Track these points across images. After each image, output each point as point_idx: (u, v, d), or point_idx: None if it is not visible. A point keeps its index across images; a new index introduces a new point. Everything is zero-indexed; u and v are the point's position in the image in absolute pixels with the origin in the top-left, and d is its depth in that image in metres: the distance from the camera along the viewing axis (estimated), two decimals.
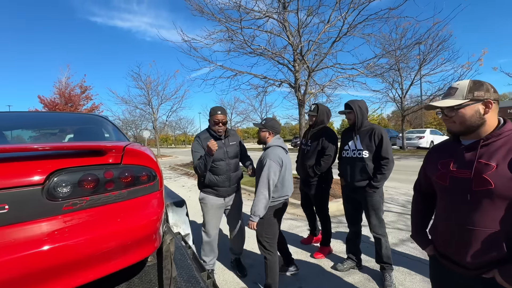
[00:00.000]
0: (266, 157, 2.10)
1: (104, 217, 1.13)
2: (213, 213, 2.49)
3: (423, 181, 1.35)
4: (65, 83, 19.13)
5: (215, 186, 2.42)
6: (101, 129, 2.42)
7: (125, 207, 1.22)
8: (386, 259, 2.34)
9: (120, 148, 1.23)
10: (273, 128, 2.24)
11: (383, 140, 2.21)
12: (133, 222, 1.18)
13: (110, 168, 1.21)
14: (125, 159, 1.26)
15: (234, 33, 5.47)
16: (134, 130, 33.54)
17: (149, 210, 1.30)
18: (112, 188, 1.20)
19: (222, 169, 2.41)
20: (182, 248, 1.98)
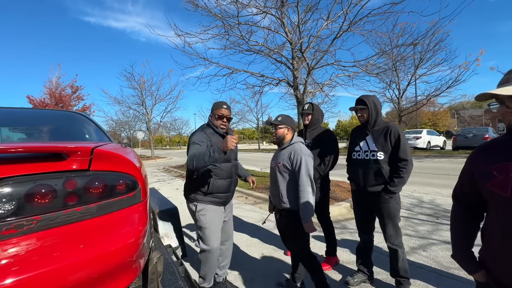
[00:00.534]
0: (297, 154, 1.90)
1: (62, 243, 0.84)
2: (216, 226, 2.09)
3: (467, 189, 1.10)
4: (56, 83, 18.61)
5: (219, 192, 2.07)
6: (80, 129, 2.12)
7: (94, 227, 0.93)
8: (403, 273, 2.09)
9: (87, 150, 0.95)
10: (292, 124, 2.06)
11: (401, 139, 1.97)
12: (104, 248, 0.90)
13: (73, 176, 0.92)
14: (95, 164, 0.97)
15: (230, 28, 5.20)
16: (127, 131, 32.91)
17: (126, 229, 1.01)
18: (76, 203, 0.92)
19: (228, 172, 2.10)
20: (172, 265, 1.69)
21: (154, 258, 1.33)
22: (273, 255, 3.01)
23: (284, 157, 1.97)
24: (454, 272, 2.44)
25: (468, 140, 14.14)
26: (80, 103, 18.98)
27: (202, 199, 2.05)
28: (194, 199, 2.07)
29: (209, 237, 2.04)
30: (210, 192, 2.02)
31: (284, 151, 2.01)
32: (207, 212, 2.04)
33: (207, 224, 2.03)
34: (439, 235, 3.33)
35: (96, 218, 0.94)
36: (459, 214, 1.15)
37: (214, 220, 2.06)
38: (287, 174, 1.95)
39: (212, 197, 2.06)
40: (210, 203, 2.05)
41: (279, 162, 1.99)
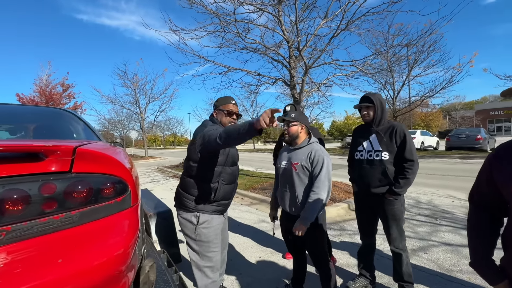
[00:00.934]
0: (319, 154, 1.77)
1: (37, 257, 0.73)
2: (219, 238, 1.83)
3: (487, 192, 1.02)
4: (46, 81, 18.17)
5: (225, 199, 1.79)
6: (66, 127, 1.99)
7: (76, 237, 0.82)
8: (407, 278, 2.02)
9: (68, 149, 0.83)
10: (306, 121, 1.91)
11: (406, 139, 1.90)
12: (87, 261, 0.78)
13: (51, 180, 0.81)
14: (77, 165, 0.86)
15: (227, 25, 5.09)
16: (120, 131, 32.38)
17: (114, 239, 0.90)
18: (54, 210, 0.80)
19: (235, 175, 1.85)
20: (165, 272, 1.57)
21: (146, 267, 1.22)
22: (271, 259, 2.91)
23: (302, 157, 1.81)
24: (456, 275, 2.39)
25: (461, 140, 14.32)
26: (71, 101, 18.60)
27: (205, 208, 1.72)
28: (195, 208, 1.71)
29: (213, 252, 1.76)
30: (215, 200, 1.72)
31: (301, 151, 1.85)
32: (211, 224, 1.73)
33: (211, 237, 1.74)
34: (438, 236, 3.28)
35: (78, 227, 0.83)
36: (477, 219, 1.07)
37: (218, 232, 1.80)
38: (305, 176, 1.80)
39: (216, 206, 1.76)
40: (213, 213, 1.75)
41: (296, 163, 1.82)
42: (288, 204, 1.87)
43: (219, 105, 1.88)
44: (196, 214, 1.71)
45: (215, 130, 1.56)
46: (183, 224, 1.77)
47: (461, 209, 4.37)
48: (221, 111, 1.86)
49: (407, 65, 13.73)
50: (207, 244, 1.73)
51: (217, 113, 1.88)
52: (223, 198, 1.76)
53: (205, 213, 1.72)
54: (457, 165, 9.90)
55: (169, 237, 2.40)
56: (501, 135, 37.50)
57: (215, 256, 1.76)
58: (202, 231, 1.72)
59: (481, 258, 1.03)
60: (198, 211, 1.71)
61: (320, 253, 1.85)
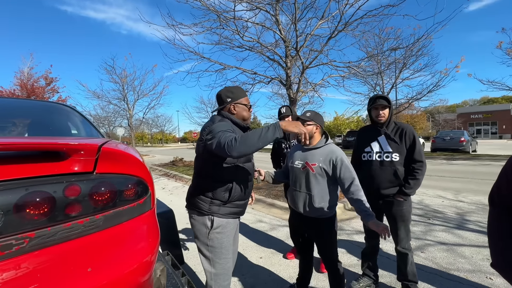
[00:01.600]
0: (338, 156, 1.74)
1: (63, 266, 0.67)
2: (232, 243, 1.67)
3: (507, 194, 1.03)
4: (28, 74, 17.31)
5: (240, 200, 1.61)
6: (66, 123, 1.88)
7: (101, 243, 0.76)
8: (411, 277, 2.05)
9: (92, 148, 0.77)
10: (321, 122, 1.86)
11: (416, 141, 1.93)
12: (118, 270, 0.72)
13: (75, 181, 0.74)
14: (101, 165, 0.80)
15: (225, 22, 5.01)
16: (107, 127, 31.40)
17: (141, 244, 0.84)
18: (79, 214, 0.74)
19: (250, 172, 1.67)
20: (173, 275, 1.52)
21: (157, 271, 1.16)
22: (272, 259, 2.89)
23: (320, 158, 1.77)
24: (454, 273, 2.46)
25: (446, 142, 14.86)
26: (54, 95, 17.82)
27: (220, 211, 1.55)
28: (209, 211, 1.54)
29: (225, 259, 1.60)
30: (230, 200, 1.56)
31: (318, 151, 1.80)
32: (226, 229, 1.57)
33: (224, 243, 1.58)
34: (433, 235, 3.37)
35: (103, 232, 0.77)
36: (499, 221, 1.08)
37: (231, 237, 1.63)
38: (322, 178, 1.76)
39: (232, 207, 1.59)
40: (229, 216, 1.59)
41: (314, 164, 1.77)
42: (302, 205, 1.83)
43: (236, 98, 1.62)
44: (210, 217, 1.55)
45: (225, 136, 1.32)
46: (196, 227, 1.61)
47: (452, 209, 4.51)
48: (242, 105, 1.62)
49: (395, 68, 14.09)
50: (220, 250, 1.58)
51: (236, 107, 1.61)
52: (240, 198, 1.60)
53: (220, 217, 1.56)
54: (443, 166, 10.26)
55: (172, 238, 2.33)
56: (480, 137, 39.30)
57: (227, 263, 1.62)
58: (215, 235, 1.56)
59: (504, 259, 1.04)
60: (213, 214, 1.55)
61: (331, 252, 1.84)
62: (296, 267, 2.69)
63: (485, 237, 3.26)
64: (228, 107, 1.62)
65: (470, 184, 6.58)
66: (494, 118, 42.20)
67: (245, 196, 1.65)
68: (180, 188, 7.45)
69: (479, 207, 4.57)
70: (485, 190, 5.87)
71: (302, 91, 6.57)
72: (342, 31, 5.21)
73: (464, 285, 2.29)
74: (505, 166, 1.06)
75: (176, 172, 9.87)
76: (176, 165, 12.35)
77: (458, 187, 6.21)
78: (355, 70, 5.73)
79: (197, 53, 5.71)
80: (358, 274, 2.40)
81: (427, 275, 2.45)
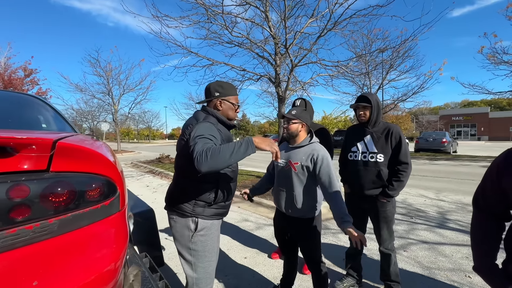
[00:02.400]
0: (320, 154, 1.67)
1: (3, 280, 0.58)
2: (217, 246, 1.59)
3: (492, 197, 1.02)
4: (5, 64, 16.41)
5: (226, 200, 1.54)
6: (35, 116, 1.73)
7: (53, 251, 0.67)
8: (394, 277, 2.06)
9: (46, 143, 0.67)
10: (307, 119, 1.77)
11: (402, 142, 1.91)
12: (68, 283, 0.64)
13: (23, 180, 0.65)
14: (57, 162, 0.70)
15: (213, 16, 4.88)
16: (90, 122, 30.37)
17: (102, 251, 0.75)
18: (27, 218, 0.65)
19: (236, 172, 1.60)
20: (150, 279, 1.43)
21: (130, 275, 1.08)
22: (257, 259, 2.84)
23: (303, 157, 1.71)
24: (435, 272, 2.49)
25: (429, 143, 15.35)
26: (34, 87, 17.00)
27: (204, 212, 1.46)
28: (193, 213, 1.45)
29: (209, 262, 1.52)
30: (216, 202, 1.47)
31: (301, 150, 1.75)
32: (210, 231, 1.49)
33: (208, 246, 1.49)
34: (416, 234, 3.43)
35: (57, 238, 0.68)
36: (482, 224, 1.07)
37: (216, 240, 1.55)
38: (304, 177, 1.71)
39: (217, 208, 1.50)
40: (214, 218, 1.50)
41: (296, 163, 1.72)
42: (284, 205, 1.79)
43: (225, 94, 1.53)
44: (194, 219, 1.45)
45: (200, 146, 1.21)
46: (177, 230, 1.50)
47: (433, 208, 4.63)
48: (229, 103, 1.55)
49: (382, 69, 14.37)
50: (203, 254, 1.49)
51: (223, 103, 1.54)
52: (225, 199, 1.52)
53: (204, 218, 1.46)
54: (425, 166, 10.57)
55: (151, 239, 2.23)
56: (460, 139, 40.97)
57: (210, 266, 1.53)
58: (199, 238, 1.46)
59: (485, 263, 1.03)
60: (197, 215, 1.44)
61: (315, 253, 1.81)
62: (281, 267, 2.65)
63: (464, 235, 3.35)
64: (214, 101, 1.53)
65: (451, 183, 6.80)
66: (473, 121, 44.11)
67: (230, 197, 1.58)
68: (165, 185, 7.27)
69: (458, 206, 4.71)
70: (465, 189, 6.08)
71: (291, 90, 6.54)
72: (331, 30, 5.21)
73: (445, 283, 2.33)
74: (490, 168, 1.04)
75: (161, 169, 9.65)
76: (162, 162, 12.08)
77: (440, 187, 6.40)
78: (343, 70, 5.75)
79: (184, 47, 5.55)
80: (342, 274, 2.39)
81: (409, 274, 2.48)
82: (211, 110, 1.51)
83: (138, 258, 1.68)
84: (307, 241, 1.80)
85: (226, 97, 1.53)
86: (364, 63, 10.48)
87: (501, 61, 9.42)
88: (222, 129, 1.50)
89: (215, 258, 1.57)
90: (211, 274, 1.56)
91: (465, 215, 4.17)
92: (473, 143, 33.27)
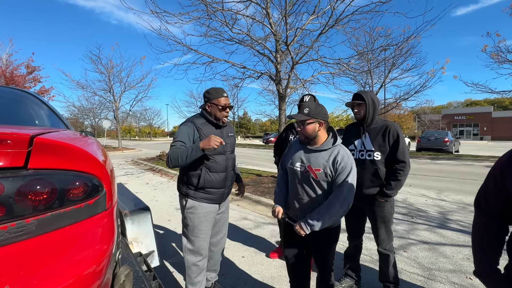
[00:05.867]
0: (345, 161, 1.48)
1: None
2: (206, 226, 1.90)
3: (496, 199, 0.98)
4: (7, 61, 16.43)
5: (212, 187, 1.86)
6: (28, 111, 1.70)
7: (30, 253, 0.64)
8: (393, 278, 2.02)
9: (22, 138, 0.64)
10: (323, 115, 1.55)
11: (399, 139, 1.86)
12: (47, 285, 0.61)
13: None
14: (36, 158, 0.67)
15: (213, 12, 4.83)
16: (92, 119, 30.42)
17: (83, 253, 0.72)
18: (1, 218, 0.61)
19: (221, 165, 1.88)
20: (143, 279, 1.40)
21: (121, 276, 1.05)
22: (255, 259, 2.81)
23: (324, 162, 1.50)
24: (436, 273, 2.45)
25: (431, 142, 15.23)
26: (36, 85, 16.99)
27: (194, 195, 1.85)
28: (186, 194, 1.88)
29: (196, 237, 1.88)
30: (201, 187, 1.82)
31: (321, 154, 1.53)
32: (197, 210, 1.85)
33: (196, 223, 1.87)
34: (416, 234, 3.39)
35: (35, 239, 0.64)
36: (485, 227, 1.03)
37: (204, 220, 1.88)
38: (326, 183, 1.51)
39: (205, 193, 1.85)
40: (202, 200, 1.85)
41: (318, 169, 1.50)
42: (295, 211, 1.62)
43: (211, 98, 1.84)
44: (186, 199, 1.88)
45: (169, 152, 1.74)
46: (180, 206, 1.98)
47: (434, 208, 4.58)
48: (214, 105, 1.84)
49: (384, 68, 14.26)
50: (192, 229, 1.87)
51: (210, 107, 1.86)
52: (212, 186, 1.83)
53: (192, 199, 1.85)
54: (427, 166, 10.50)
55: (147, 238, 2.20)
56: (463, 138, 40.73)
57: (198, 241, 1.87)
58: (189, 215, 1.87)
59: (487, 268, 0.99)
60: (187, 196, 1.86)
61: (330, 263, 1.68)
62: (279, 266, 2.62)
63: (465, 236, 3.30)
64: (207, 105, 1.87)
65: (452, 183, 6.74)
66: (476, 120, 43.77)
67: (218, 185, 1.86)
68: (165, 183, 7.26)
69: (460, 207, 4.66)
70: (466, 189, 6.03)
71: (292, 87, 6.49)
72: (333, 27, 5.14)
73: (445, 285, 2.29)
74: (493, 168, 1.00)
75: (161, 167, 9.63)
76: (162, 159, 12.07)
77: (441, 186, 6.34)
78: (345, 67, 5.68)
79: (184, 45, 5.50)
80: (341, 275, 2.36)
81: (409, 275, 2.44)
82: (203, 113, 1.90)
83: (132, 257, 1.66)
84: (324, 251, 1.63)
85: (213, 100, 1.84)
86: (366, 61, 10.41)
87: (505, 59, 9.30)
88: (207, 128, 1.85)
89: (203, 236, 1.89)
90: (199, 249, 1.89)
91: (466, 216, 4.12)
92: (476, 142, 33.05)
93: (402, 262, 2.66)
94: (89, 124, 33.34)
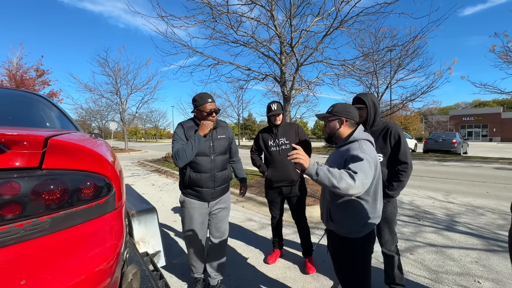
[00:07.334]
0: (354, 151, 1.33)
1: None
2: (195, 220, 2.08)
3: None
4: (17, 64, 16.83)
5: (196, 186, 2.02)
6: (37, 114, 1.75)
7: (44, 250, 0.66)
8: (398, 280, 2.00)
9: (37, 140, 0.67)
10: (347, 114, 1.48)
11: (401, 141, 1.85)
12: (58, 282, 0.63)
13: (14, 178, 0.64)
14: (50, 159, 0.69)
15: (218, 15, 4.88)
16: (99, 121, 30.87)
17: (95, 251, 0.74)
18: (18, 215, 0.64)
19: (204, 166, 2.00)
20: (150, 278, 1.42)
21: (129, 274, 1.07)
22: (260, 260, 2.81)
23: (338, 159, 1.42)
24: (443, 277, 2.42)
25: (438, 144, 15.01)
26: (46, 88, 17.36)
27: (184, 191, 2.09)
28: (181, 191, 2.14)
29: (186, 228, 2.11)
30: (188, 185, 2.02)
31: (337, 152, 1.48)
32: (186, 205, 2.08)
33: (185, 216, 2.10)
34: (423, 237, 3.34)
35: (48, 237, 0.67)
36: None
37: (192, 215, 2.07)
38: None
39: (192, 190, 2.04)
40: (190, 196, 2.06)
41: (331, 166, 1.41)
42: (323, 215, 1.57)
43: (198, 105, 1.97)
44: (181, 194, 2.12)
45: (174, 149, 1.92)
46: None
47: (442, 210, 4.51)
48: (200, 112, 1.97)
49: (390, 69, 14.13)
50: (183, 220, 2.12)
51: (197, 113, 2.00)
52: (197, 184, 2.00)
53: (183, 194, 2.09)
54: (434, 167, 10.35)
55: (153, 238, 2.23)
56: (471, 140, 40.01)
57: (188, 233, 2.09)
58: (182, 208, 2.12)
59: None
60: (182, 192, 2.11)
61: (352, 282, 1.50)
62: (284, 268, 2.63)
63: (474, 239, 3.25)
64: (195, 112, 2.04)
65: (460, 185, 6.63)
66: (485, 121, 42.94)
67: (202, 184, 2.00)
68: (171, 184, 7.32)
69: (468, 209, 4.58)
70: (475, 192, 5.92)
71: (297, 89, 6.49)
72: (337, 28, 5.14)
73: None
74: None
75: (167, 168, 9.72)
76: (168, 161, 12.18)
77: (449, 189, 6.24)
78: (350, 69, 5.67)
79: (190, 47, 5.57)
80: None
81: (416, 278, 2.41)
82: (194, 118, 2.07)
83: (139, 256, 1.69)
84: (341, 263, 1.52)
85: (199, 106, 1.96)
86: (372, 62, 10.35)
87: None
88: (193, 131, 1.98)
89: (191, 231, 2.08)
90: (190, 239, 2.10)
91: (475, 218, 4.05)
92: (485, 144, 32.43)
93: (409, 265, 2.63)
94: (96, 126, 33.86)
